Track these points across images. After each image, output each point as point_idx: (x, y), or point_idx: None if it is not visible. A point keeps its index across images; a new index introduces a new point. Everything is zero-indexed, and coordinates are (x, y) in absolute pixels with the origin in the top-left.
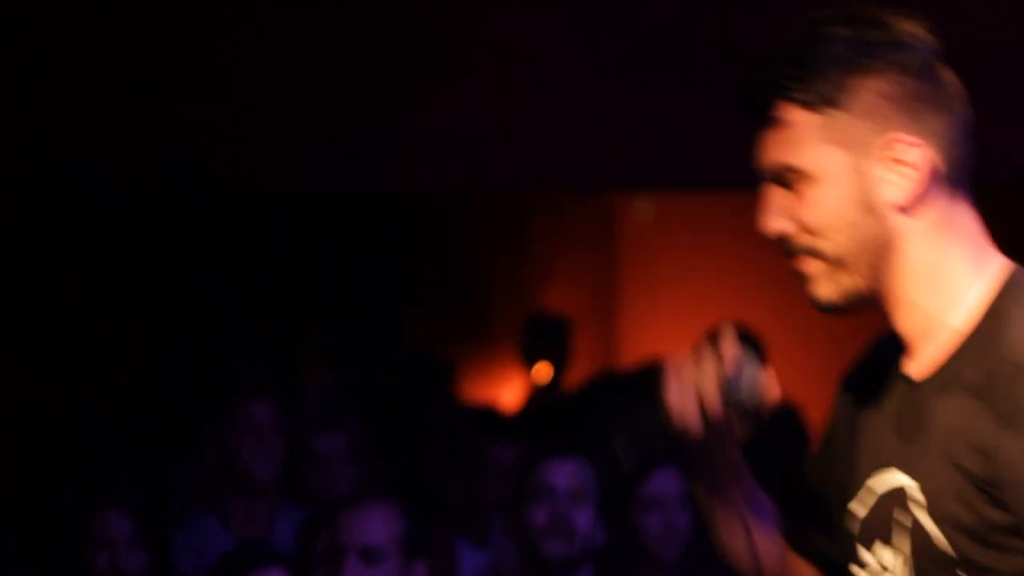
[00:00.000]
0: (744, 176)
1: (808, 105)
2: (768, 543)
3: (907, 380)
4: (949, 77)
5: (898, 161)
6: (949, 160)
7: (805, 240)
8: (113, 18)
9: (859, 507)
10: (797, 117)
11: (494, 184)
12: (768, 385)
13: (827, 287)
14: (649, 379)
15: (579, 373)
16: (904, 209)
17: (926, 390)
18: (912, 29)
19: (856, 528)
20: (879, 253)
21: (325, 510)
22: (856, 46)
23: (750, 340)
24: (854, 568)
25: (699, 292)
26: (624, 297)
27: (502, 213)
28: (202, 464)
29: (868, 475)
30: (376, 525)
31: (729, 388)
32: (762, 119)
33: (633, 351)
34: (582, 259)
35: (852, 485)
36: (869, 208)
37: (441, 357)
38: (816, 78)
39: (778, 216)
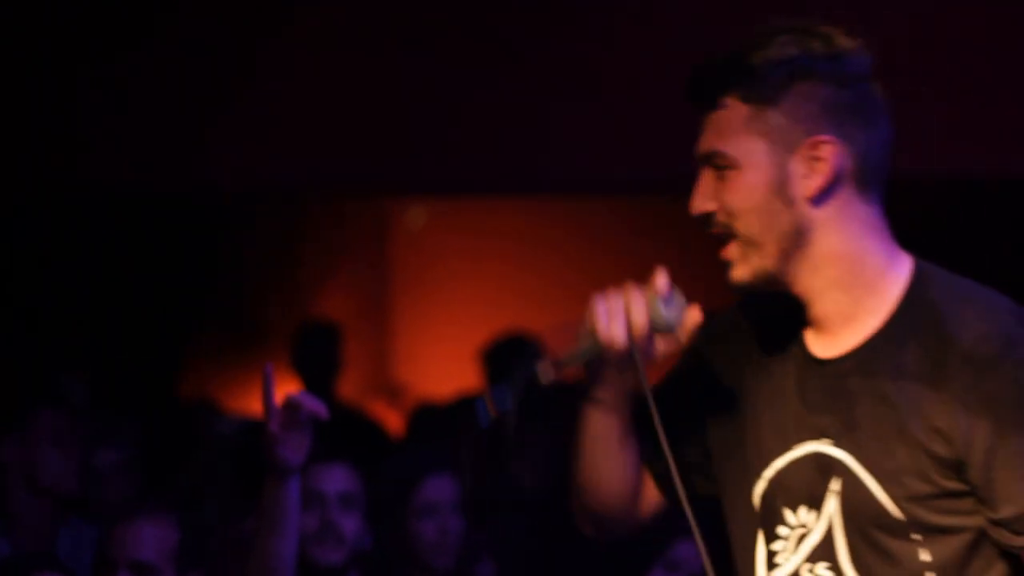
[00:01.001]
0: (514, 181)
1: (746, 99)
2: (635, 474)
3: (814, 359)
4: (877, 93)
5: (814, 159)
6: (863, 165)
7: (724, 220)
8: None
9: (778, 477)
10: (735, 109)
11: (270, 188)
12: (692, 311)
13: (742, 268)
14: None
15: (353, 379)
16: (813, 201)
17: (841, 369)
18: (850, 46)
19: (772, 496)
20: (792, 239)
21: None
22: (799, 55)
23: (528, 347)
24: (770, 530)
25: (472, 297)
26: (397, 303)
27: (276, 220)
28: None
29: (784, 449)
30: (148, 539)
31: (658, 308)
32: (706, 107)
33: (406, 356)
34: (356, 265)
35: (761, 458)
36: (785, 197)
37: (215, 368)
38: (758, 77)
39: (705, 197)
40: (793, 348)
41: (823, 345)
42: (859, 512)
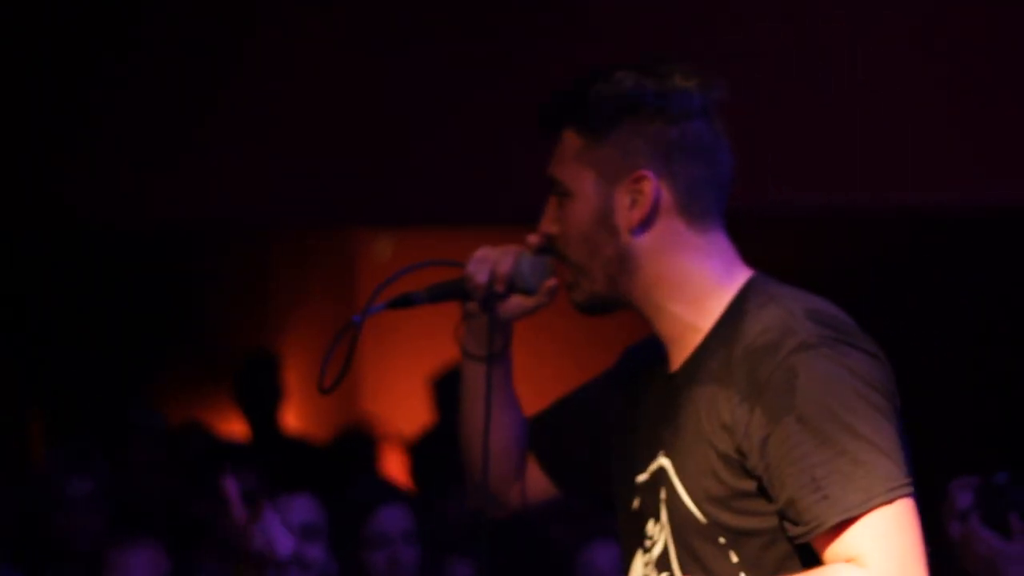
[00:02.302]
0: (480, 212)
1: (580, 132)
2: (513, 432)
3: (664, 375)
4: (710, 130)
5: (636, 192)
6: (690, 199)
7: (559, 245)
8: None
9: (640, 489)
10: (569, 140)
11: (235, 221)
12: (550, 279)
13: (576, 291)
14: None
15: (320, 412)
16: (634, 231)
17: (676, 382)
18: (689, 84)
19: (640, 510)
20: (616, 266)
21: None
22: (632, 91)
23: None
24: (641, 543)
25: (441, 330)
26: (365, 335)
27: (242, 253)
28: None
29: (647, 463)
30: (139, 565)
31: (521, 265)
32: (550, 138)
33: (373, 389)
34: (323, 296)
35: (632, 472)
36: (608, 227)
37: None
38: (590, 111)
39: (550, 220)
40: (661, 365)
41: (672, 361)
42: (678, 520)
